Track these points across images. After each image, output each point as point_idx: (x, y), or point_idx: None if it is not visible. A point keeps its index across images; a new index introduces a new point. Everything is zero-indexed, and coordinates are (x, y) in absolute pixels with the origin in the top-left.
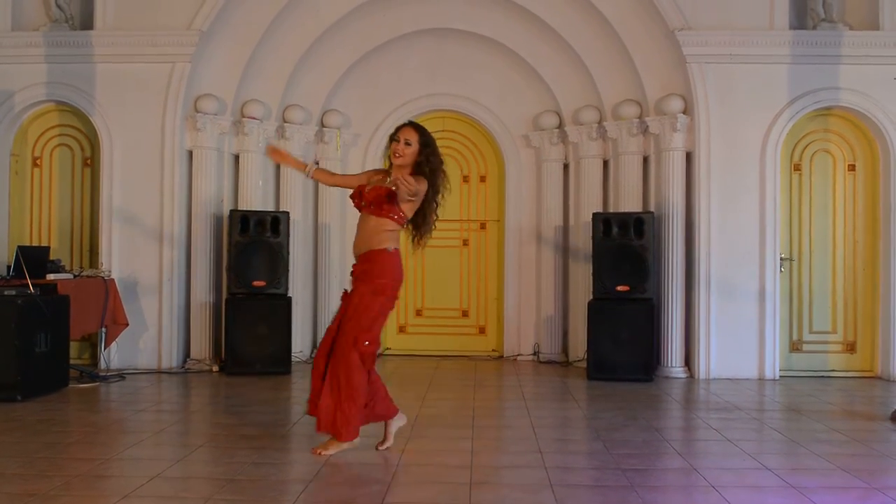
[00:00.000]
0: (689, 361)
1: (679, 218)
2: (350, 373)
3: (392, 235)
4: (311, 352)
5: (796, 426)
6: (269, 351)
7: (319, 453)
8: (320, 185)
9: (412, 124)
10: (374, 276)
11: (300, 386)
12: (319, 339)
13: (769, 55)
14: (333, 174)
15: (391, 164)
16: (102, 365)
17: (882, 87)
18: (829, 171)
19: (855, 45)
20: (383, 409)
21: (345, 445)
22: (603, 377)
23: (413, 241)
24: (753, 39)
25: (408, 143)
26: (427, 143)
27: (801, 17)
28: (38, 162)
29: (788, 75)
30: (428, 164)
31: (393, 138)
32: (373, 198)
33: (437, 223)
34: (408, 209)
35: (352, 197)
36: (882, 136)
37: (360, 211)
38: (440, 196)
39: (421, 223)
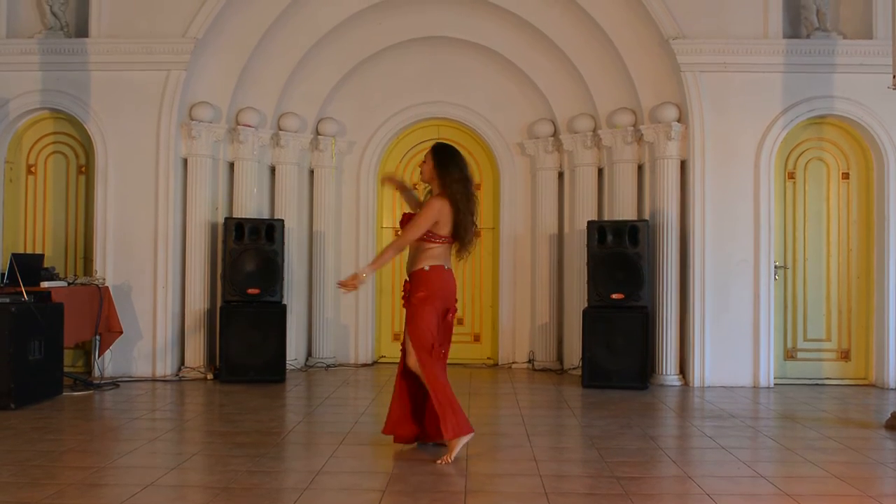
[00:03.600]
0: (683, 369)
1: (674, 226)
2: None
3: (430, 254)
4: (306, 359)
5: (791, 434)
6: (264, 359)
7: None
8: (315, 192)
9: (433, 146)
10: (415, 291)
11: (294, 394)
12: (314, 347)
13: (763, 64)
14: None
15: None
16: (96, 372)
17: (876, 96)
18: (823, 180)
19: (849, 53)
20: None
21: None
22: (598, 385)
23: (456, 253)
24: (748, 48)
25: (425, 162)
26: (440, 161)
27: (795, 26)
28: (32, 169)
29: (782, 84)
30: (442, 183)
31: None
32: (405, 221)
33: (476, 234)
34: (438, 228)
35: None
36: (876, 144)
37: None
38: (470, 206)
39: (460, 236)
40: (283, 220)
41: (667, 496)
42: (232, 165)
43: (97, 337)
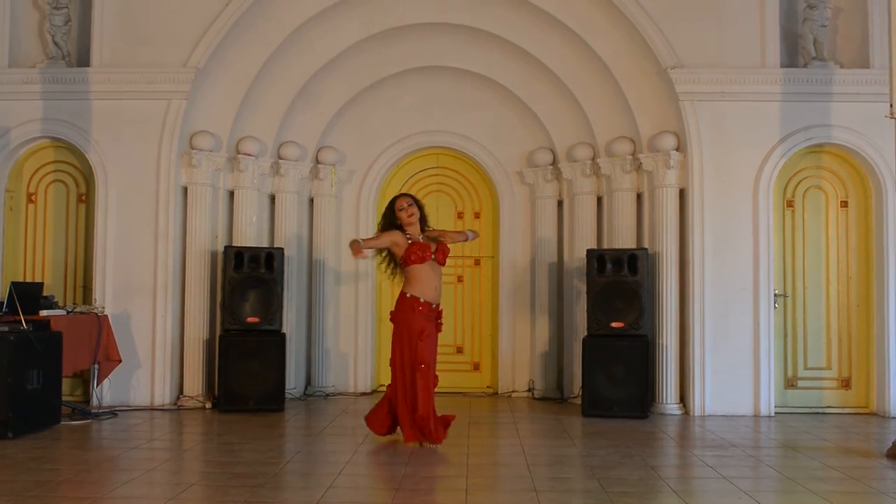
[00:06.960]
0: (684, 398)
1: (673, 254)
2: None
3: None
4: (305, 388)
5: (792, 463)
6: (263, 388)
7: None
8: (314, 221)
9: (404, 194)
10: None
11: (293, 423)
12: (313, 376)
13: (761, 93)
14: (377, 237)
15: (401, 226)
16: (95, 402)
17: (873, 125)
18: (822, 208)
19: (846, 82)
20: None
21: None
22: (598, 414)
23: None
24: (745, 77)
25: (411, 205)
26: (417, 203)
27: (793, 56)
28: (32, 198)
29: (780, 112)
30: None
31: (398, 208)
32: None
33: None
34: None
35: (423, 252)
36: (874, 172)
37: (424, 262)
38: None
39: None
40: (282, 249)
41: None
42: (232, 194)
43: (96, 366)
